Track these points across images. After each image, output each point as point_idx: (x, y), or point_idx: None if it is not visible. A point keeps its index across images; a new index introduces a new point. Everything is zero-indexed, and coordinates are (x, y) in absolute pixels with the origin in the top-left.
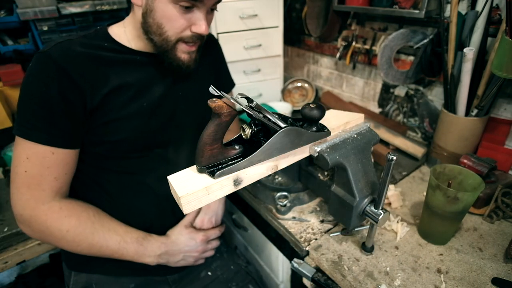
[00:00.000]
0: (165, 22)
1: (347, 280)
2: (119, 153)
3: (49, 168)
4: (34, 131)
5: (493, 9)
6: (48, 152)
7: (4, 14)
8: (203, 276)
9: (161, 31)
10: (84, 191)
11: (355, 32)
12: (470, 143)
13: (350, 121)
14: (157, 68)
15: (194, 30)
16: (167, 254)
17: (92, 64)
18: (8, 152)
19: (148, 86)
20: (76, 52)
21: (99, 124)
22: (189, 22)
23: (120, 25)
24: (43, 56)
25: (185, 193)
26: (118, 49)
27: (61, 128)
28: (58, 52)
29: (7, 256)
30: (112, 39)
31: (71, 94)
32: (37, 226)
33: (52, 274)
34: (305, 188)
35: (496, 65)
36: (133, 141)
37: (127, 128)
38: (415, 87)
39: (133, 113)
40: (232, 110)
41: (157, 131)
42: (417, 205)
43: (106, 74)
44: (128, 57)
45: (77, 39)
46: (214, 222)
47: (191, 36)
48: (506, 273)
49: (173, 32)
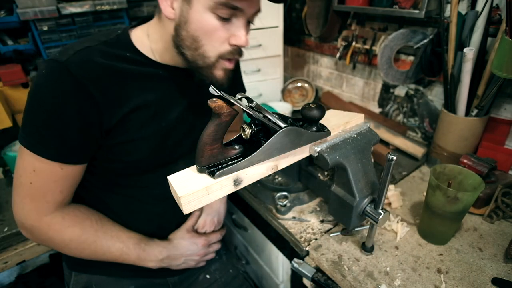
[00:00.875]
0: (202, 35)
1: (347, 280)
2: (132, 171)
3: (55, 182)
4: (45, 147)
5: (493, 9)
6: (57, 167)
7: (4, 14)
8: (201, 279)
9: (197, 45)
10: (90, 199)
11: (355, 32)
12: (470, 143)
13: (350, 121)
14: (180, 82)
15: (233, 42)
16: (169, 258)
17: (112, 79)
18: (8, 152)
19: (168, 104)
20: (97, 65)
21: (114, 143)
22: (227, 33)
23: (143, 30)
24: (61, 67)
25: (185, 193)
26: (141, 61)
27: (74, 145)
28: (77, 64)
29: (7, 256)
30: (134, 48)
31: (88, 111)
32: (40, 236)
33: (52, 274)
34: (305, 188)
35: (496, 65)
36: (148, 161)
37: (143, 148)
38: (415, 87)
39: (151, 134)
40: (232, 110)
41: (172, 149)
42: (417, 205)
43: (127, 91)
44: (151, 70)
45: (97, 47)
46: (216, 221)
47: (231, 51)
48: (506, 273)
49: (211, 46)
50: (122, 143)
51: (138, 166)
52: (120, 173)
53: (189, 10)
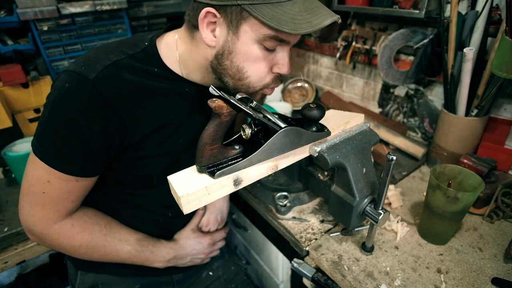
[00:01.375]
0: (248, 66)
1: (347, 280)
2: (145, 183)
3: (69, 193)
4: (63, 162)
5: (493, 9)
6: (72, 180)
7: (4, 14)
8: (205, 276)
9: (241, 76)
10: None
11: (355, 32)
12: (470, 143)
13: (350, 121)
14: (201, 99)
15: (276, 70)
16: (176, 258)
17: (140, 97)
18: (8, 152)
19: (188, 122)
20: (125, 82)
21: (131, 157)
22: (271, 62)
23: (172, 42)
24: (89, 85)
25: (185, 193)
26: (168, 77)
27: (94, 161)
28: (106, 83)
29: (7, 256)
30: (162, 63)
31: (113, 129)
32: (49, 242)
33: (52, 274)
34: (305, 188)
35: (496, 65)
36: (162, 175)
37: (159, 164)
38: (415, 87)
39: (168, 151)
40: (232, 110)
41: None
42: (417, 205)
43: (152, 109)
44: (177, 87)
45: (124, 61)
46: (220, 219)
47: (273, 79)
48: (506, 273)
49: (258, 77)
50: (138, 158)
51: (151, 180)
52: (131, 185)
53: (236, 41)
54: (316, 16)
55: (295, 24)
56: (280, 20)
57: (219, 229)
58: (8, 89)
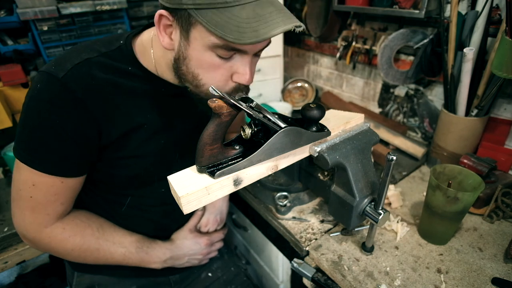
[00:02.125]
0: (202, 73)
1: (347, 280)
2: (130, 183)
3: (56, 195)
4: (44, 163)
5: (493, 9)
6: (57, 181)
7: (4, 14)
8: (203, 277)
9: (198, 83)
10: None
11: (355, 32)
12: (470, 143)
13: (350, 121)
14: (181, 100)
15: (236, 79)
16: (172, 258)
17: (112, 96)
18: (8, 152)
19: (169, 122)
20: (96, 80)
21: (113, 158)
22: (230, 71)
23: (147, 42)
24: (58, 84)
25: (185, 193)
26: (143, 77)
27: (73, 160)
28: (75, 80)
29: (7, 256)
30: (137, 62)
31: (87, 128)
32: (42, 246)
33: (52, 274)
34: (305, 188)
35: (496, 65)
36: (147, 176)
37: (142, 165)
38: (415, 87)
39: (150, 151)
40: (232, 110)
41: (172, 163)
42: (417, 205)
43: (127, 108)
44: (153, 87)
45: (96, 59)
46: (219, 220)
47: (234, 88)
48: (506, 273)
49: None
50: (120, 158)
51: (136, 180)
52: (121, 185)
53: (188, 47)
54: (265, 24)
55: (240, 33)
56: (224, 27)
57: (218, 229)
58: (8, 89)
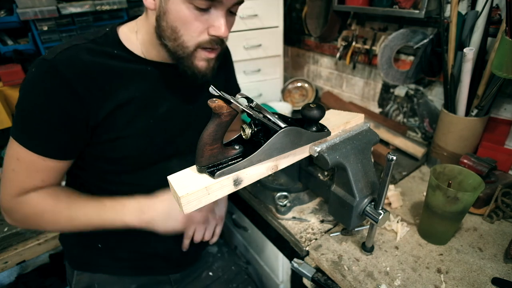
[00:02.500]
0: (180, 25)
1: (347, 280)
2: (122, 168)
3: (37, 172)
4: (29, 139)
5: (493, 9)
6: (39, 159)
7: (4, 14)
8: (204, 276)
9: (176, 36)
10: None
11: (355, 32)
12: (470, 143)
13: (350, 121)
14: (168, 79)
15: (212, 32)
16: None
17: (98, 76)
18: None
19: (156, 101)
20: (83, 62)
21: (103, 141)
22: (206, 24)
23: (132, 27)
24: (47, 65)
25: (185, 193)
26: (128, 58)
27: (58, 141)
28: (63, 61)
29: (7, 256)
30: (122, 45)
31: (73, 108)
32: (16, 216)
33: (52, 274)
34: (305, 188)
35: (496, 65)
36: (138, 158)
37: (131, 146)
38: (415, 87)
39: (139, 131)
40: (232, 110)
41: (163, 146)
42: (417, 205)
43: (113, 87)
44: (138, 67)
45: (84, 44)
46: (217, 217)
47: (209, 41)
48: (506, 273)
49: (189, 36)
50: (110, 140)
51: (127, 163)
52: (110, 171)
53: (167, 1)
54: None
55: None
56: None
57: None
58: (8, 89)
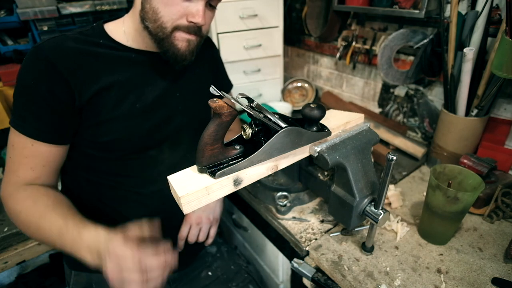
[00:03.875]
0: (162, 7)
1: (347, 280)
2: (110, 154)
3: (27, 158)
4: (20, 122)
5: (493, 9)
6: (28, 142)
7: (4, 14)
8: (203, 276)
9: (156, 17)
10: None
11: (355, 32)
12: (470, 143)
13: (350, 121)
14: (153, 67)
15: (190, 18)
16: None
17: (83, 60)
18: None
19: (141, 86)
20: (68, 47)
21: (90, 124)
22: (185, 10)
23: (118, 22)
24: (36, 50)
25: (185, 193)
26: (113, 46)
27: (46, 123)
28: (50, 46)
29: (7, 256)
30: (108, 36)
31: (59, 90)
32: (6, 208)
33: (52, 274)
34: (305, 188)
35: (496, 65)
36: (126, 143)
37: (118, 129)
38: (415, 87)
39: (125, 114)
40: (232, 110)
41: (151, 133)
42: (417, 205)
43: (98, 71)
44: (123, 54)
45: (72, 35)
46: (212, 219)
47: (187, 26)
48: (506, 273)
49: (169, 17)
50: (97, 123)
51: (115, 148)
52: (99, 157)
53: None
54: None
55: None
56: None
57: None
58: (8, 89)
